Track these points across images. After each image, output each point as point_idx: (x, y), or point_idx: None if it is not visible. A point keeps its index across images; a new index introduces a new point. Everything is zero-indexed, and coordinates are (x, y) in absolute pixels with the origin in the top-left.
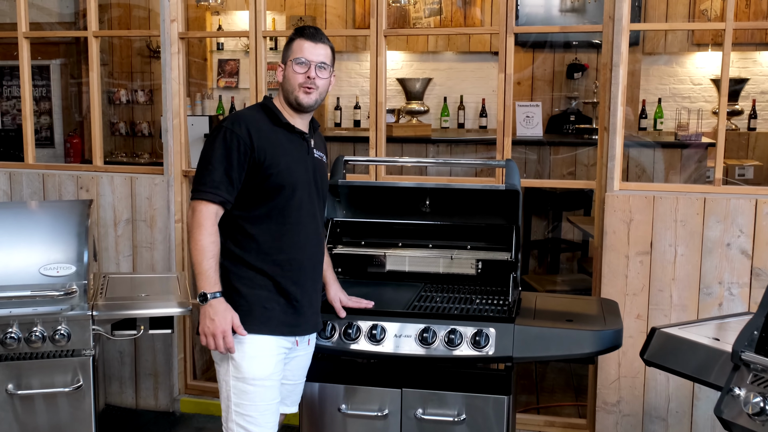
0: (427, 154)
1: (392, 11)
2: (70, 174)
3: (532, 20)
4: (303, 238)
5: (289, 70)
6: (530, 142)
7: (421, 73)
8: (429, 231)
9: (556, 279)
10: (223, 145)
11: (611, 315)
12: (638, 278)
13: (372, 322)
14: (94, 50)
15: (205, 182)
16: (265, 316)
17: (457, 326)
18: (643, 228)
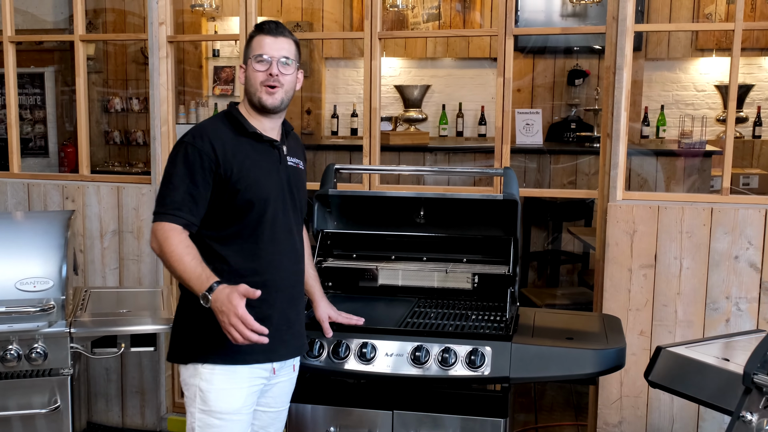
0: (424, 163)
1: (390, 16)
2: (55, 184)
3: (532, 25)
4: (279, 257)
5: (249, 69)
6: (530, 150)
7: (420, 79)
8: (423, 243)
9: (556, 292)
10: (183, 161)
11: (613, 333)
12: (642, 292)
13: (362, 341)
14: (81, 55)
15: (165, 203)
16: (237, 344)
17: (452, 345)
18: (647, 240)
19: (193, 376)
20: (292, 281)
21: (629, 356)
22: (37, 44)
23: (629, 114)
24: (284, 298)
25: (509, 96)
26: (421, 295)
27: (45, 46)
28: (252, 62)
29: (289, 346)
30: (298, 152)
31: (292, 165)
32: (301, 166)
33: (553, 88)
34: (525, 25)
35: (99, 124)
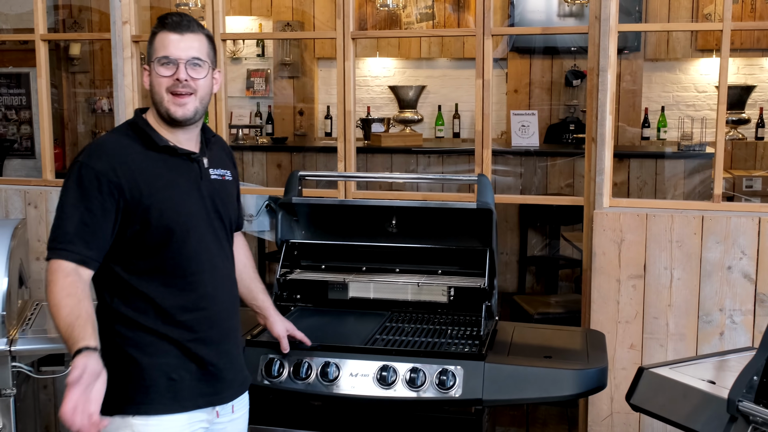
0: (417, 165)
1: (382, 15)
2: (17, 189)
3: (531, 25)
4: (212, 288)
5: (153, 74)
6: (526, 152)
7: (414, 80)
8: (396, 254)
9: (550, 300)
10: (77, 185)
11: (596, 350)
12: (631, 304)
13: (325, 360)
14: (42, 54)
15: (56, 237)
16: (172, 389)
17: (420, 364)
18: (636, 249)
19: (121, 428)
20: (230, 311)
21: (619, 371)
22: (21, 44)
23: (628, 115)
24: (222, 332)
25: (489, 98)
26: (394, 308)
27: (30, 45)
28: (155, 65)
29: (232, 385)
30: (223, 161)
31: (217, 178)
32: (228, 176)
33: (550, 89)
34: (522, 25)
35: (86, 124)
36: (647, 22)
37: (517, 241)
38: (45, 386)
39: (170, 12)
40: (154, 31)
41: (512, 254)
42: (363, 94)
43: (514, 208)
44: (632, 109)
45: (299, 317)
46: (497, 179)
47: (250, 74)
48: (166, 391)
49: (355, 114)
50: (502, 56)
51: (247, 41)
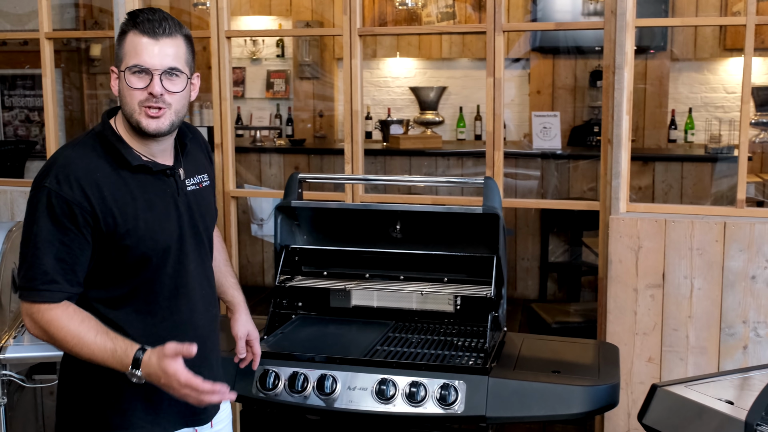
0: (436, 168)
1: (402, 15)
2: (22, 191)
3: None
4: (187, 314)
5: (123, 83)
6: (548, 155)
7: (435, 81)
8: (401, 260)
9: (569, 308)
10: (47, 216)
11: (608, 365)
12: (649, 315)
13: (321, 372)
14: (47, 53)
15: (33, 277)
16: (150, 409)
17: (421, 378)
18: (654, 257)
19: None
20: (206, 333)
21: (637, 384)
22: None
23: (655, 117)
24: (196, 357)
25: (501, 98)
26: (398, 317)
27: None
28: (126, 74)
29: (205, 411)
30: (199, 164)
31: (194, 188)
32: (204, 181)
33: (574, 90)
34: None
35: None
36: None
37: (538, 247)
38: (52, 392)
39: (142, 8)
40: (124, 29)
41: (533, 260)
42: (383, 95)
43: (535, 212)
44: (658, 111)
45: (299, 326)
46: (518, 183)
47: (270, 75)
48: (145, 410)
49: (363, 114)
50: (525, 56)
51: (267, 42)
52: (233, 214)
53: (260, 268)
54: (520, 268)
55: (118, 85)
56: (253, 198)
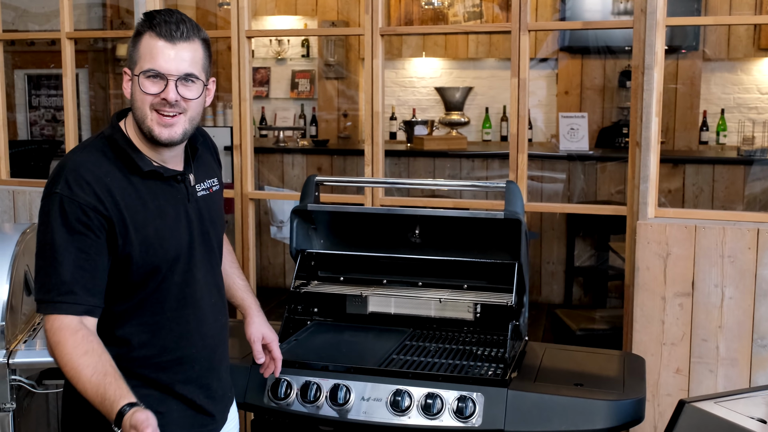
0: (460, 170)
1: (428, 14)
2: (40, 191)
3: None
4: (195, 324)
5: (136, 87)
6: (575, 156)
7: (461, 81)
8: (419, 266)
9: (594, 315)
10: (61, 222)
11: (633, 378)
12: (677, 325)
13: (335, 381)
14: (68, 52)
15: (50, 288)
16: (161, 422)
17: (438, 389)
18: (683, 264)
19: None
20: (215, 344)
21: (664, 397)
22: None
23: (686, 118)
24: (204, 368)
25: (525, 99)
26: (416, 324)
27: (78, 47)
28: (140, 78)
29: (218, 414)
30: (209, 168)
31: (204, 194)
32: (214, 185)
33: (603, 90)
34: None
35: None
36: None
37: (564, 250)
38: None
39: (159, 9)
40: (139, 30)
41: (558, 264)
42: (409, 95)
43: (561, 215)
44: (689, 112)
45: (314, 332)
46: (544, 186)
47: (294, 75)
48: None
49: (384, 116)
50: (553, 56)
51: (293, 42)
52: (251, 216)
53: (281, 269)
54: (545, 271)
55: (131, 89)
56: (273, 200)
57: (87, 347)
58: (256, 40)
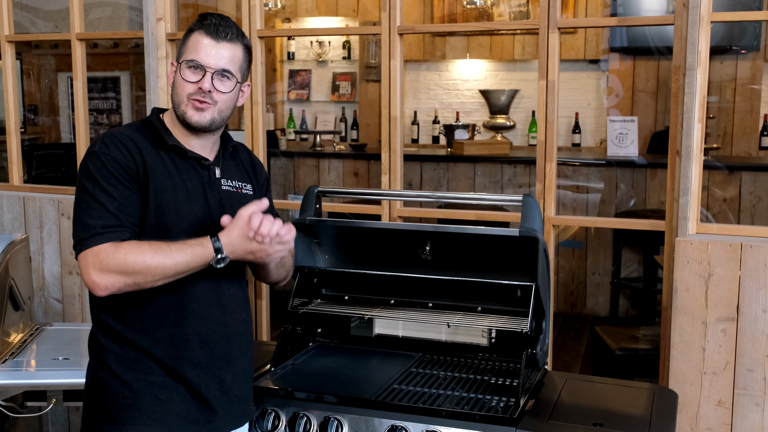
0: (502, 176)
1: (473, 14)
2: (50, 198)
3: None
4: (205, 305)
5: (177, 74)
6: (623, 163)
7: (507, 83)
8: (430, 286)
9: (638, 333)
10: (100, 174)
11: (662, 418)
12: (720, 352)
13: (326, 414)
14: (78, 54)
15: (94, 225)
16: (159, 409)
17: (438, 426)
18: (727, 286)
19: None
20: (226, 335)
21: (704, 431)
22: (113, 47)
23: (745, 122)
24: (213, 355)
25: (554, 103)
26: (426, 349)
27: (120, 49)
28: (182, 66)
29: (226, 416)
30: (241, 175)
31: (230, 189)
32: (245, 190)
33: (656, 93)
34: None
35: None
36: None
37: (610, 261)
38: (78, 408)
39: (213, 12)
40: (191, 28)
41: (604, 275)
42: (452, 98)
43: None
44: (749, 116)
45: (314, 356)
46: (589, 196)
47: (335, 78)
48: (151, 409)
49: (402, 120)
50: (603, 57)
51: (334, 44)
52: None
53: None
54: (590, 283)
55: (174, 77)
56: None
57: (144, 242)
58: (297, 42)
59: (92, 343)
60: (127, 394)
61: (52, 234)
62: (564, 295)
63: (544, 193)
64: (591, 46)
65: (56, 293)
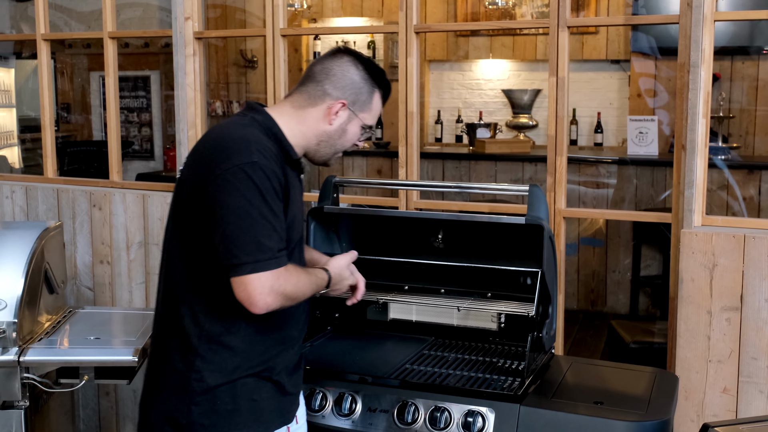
0: (523, 174)
1: (495, 15)
2: (83, 189)
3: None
4: (300, 310)
5: (355, 126)
6: (643, 161)
7: (530, 83)
8: (442, 272)
9: (653, 327)
10: (264, 188)
11: (661, 397)
12: (724, 341)
13: (341, 391)
14: (110, 52)
15: (270, 247)
16: (255, 410)
17: (446, 403)
18: (731, 276)
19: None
20: (303, 333)
21: (710, 418)
22: (143, 47)
23: (766, 121)
24: (295, 351)
25: (563, 99)
26: (438, 333)
27: (150, 49)
28: (359, 126)
29: (297, 399)
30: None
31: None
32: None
33: (676, 93)
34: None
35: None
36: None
37: (630, 260)
38: (108, 393)
39: (382, 69)
40: (380, 84)
41: (624, 273)
42: (475, 98)
43: (627, 223)
44: None
45: (332, 338)
46: (609, 192)
47: None
48: (249, 411)
49: (418, 116)
50: (625, 58)
51: (359, 44)
52: None
53: None
54: (611, 281)
55: (345, 122)
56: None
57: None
58: (323, 42)
59: (184, 347)
60: (225, 400)
61: (84, 224)
62: (584, 293)
63: (555, 186)
64: (613, 47)
65: (87, 281)
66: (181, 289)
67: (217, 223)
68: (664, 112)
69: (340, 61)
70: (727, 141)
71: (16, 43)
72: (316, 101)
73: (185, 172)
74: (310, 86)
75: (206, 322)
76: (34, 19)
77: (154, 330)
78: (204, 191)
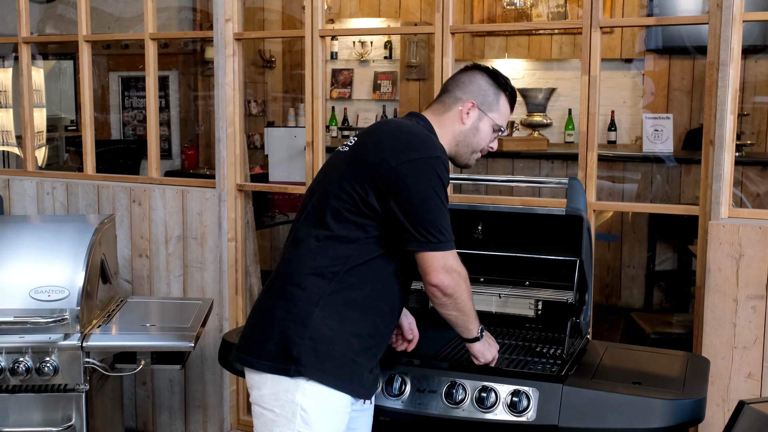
0: (540, 171)
1: (511, 15)
2: (123, 186)
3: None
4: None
5: (486, 125)
6: (658, 158)
7: (545, 82)
8: (481, 262)
9: (671, 319)
10: (445, 180)
11: (695, 379)
12: (750, 328)
13: (390, 373)
14: (151, 53)
15: (449, 230)
16: (352, 370)
17: (493, 383)
18: (757, 266)
19: (291, 389)
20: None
21: (735, 402)
22: (163, 47)
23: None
24: (391, 330)
25: (595, 97)
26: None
27: (169, 49)
28: (490, 125)
29: (377, 382)
30: None
31: None
32: None
33: (691, 91)
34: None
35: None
36: None
37: (645, 254)
38: (144, 382)
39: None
40: (506, 87)
41: (639, 268)
42: None
43: (643, 218)
44: None
45: None
46: (625, 187)
47: (377, 77)
48: (349, 369)
49: None
50: (639, 56)
51: (376, 44)
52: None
53: None
54: (626, 275)
55: (476, 122)
56: None
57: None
58: (339, 43)
59: (317, 292)
60: (333, 348)
61: (124, 219)
62: (599, 288)
63: (585, 180)
64: (627, 46)
65: (126, 275)
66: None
67: (402, 203)
68: (676, 110)
69: (467, 72)
70: (740, 138)
71: (40, 43)
72: (450, 107)
73: (356, 148)
74: (444, 96)
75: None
76: (55, 20)
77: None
78: (389, 169)
